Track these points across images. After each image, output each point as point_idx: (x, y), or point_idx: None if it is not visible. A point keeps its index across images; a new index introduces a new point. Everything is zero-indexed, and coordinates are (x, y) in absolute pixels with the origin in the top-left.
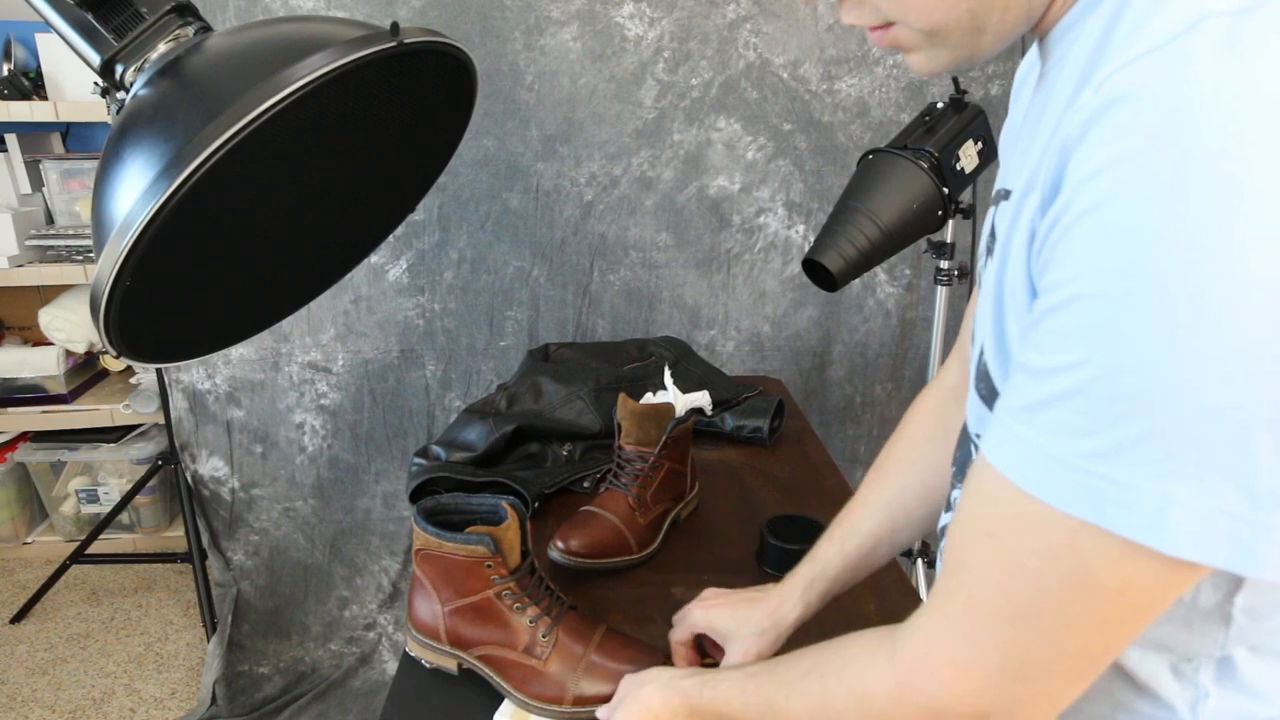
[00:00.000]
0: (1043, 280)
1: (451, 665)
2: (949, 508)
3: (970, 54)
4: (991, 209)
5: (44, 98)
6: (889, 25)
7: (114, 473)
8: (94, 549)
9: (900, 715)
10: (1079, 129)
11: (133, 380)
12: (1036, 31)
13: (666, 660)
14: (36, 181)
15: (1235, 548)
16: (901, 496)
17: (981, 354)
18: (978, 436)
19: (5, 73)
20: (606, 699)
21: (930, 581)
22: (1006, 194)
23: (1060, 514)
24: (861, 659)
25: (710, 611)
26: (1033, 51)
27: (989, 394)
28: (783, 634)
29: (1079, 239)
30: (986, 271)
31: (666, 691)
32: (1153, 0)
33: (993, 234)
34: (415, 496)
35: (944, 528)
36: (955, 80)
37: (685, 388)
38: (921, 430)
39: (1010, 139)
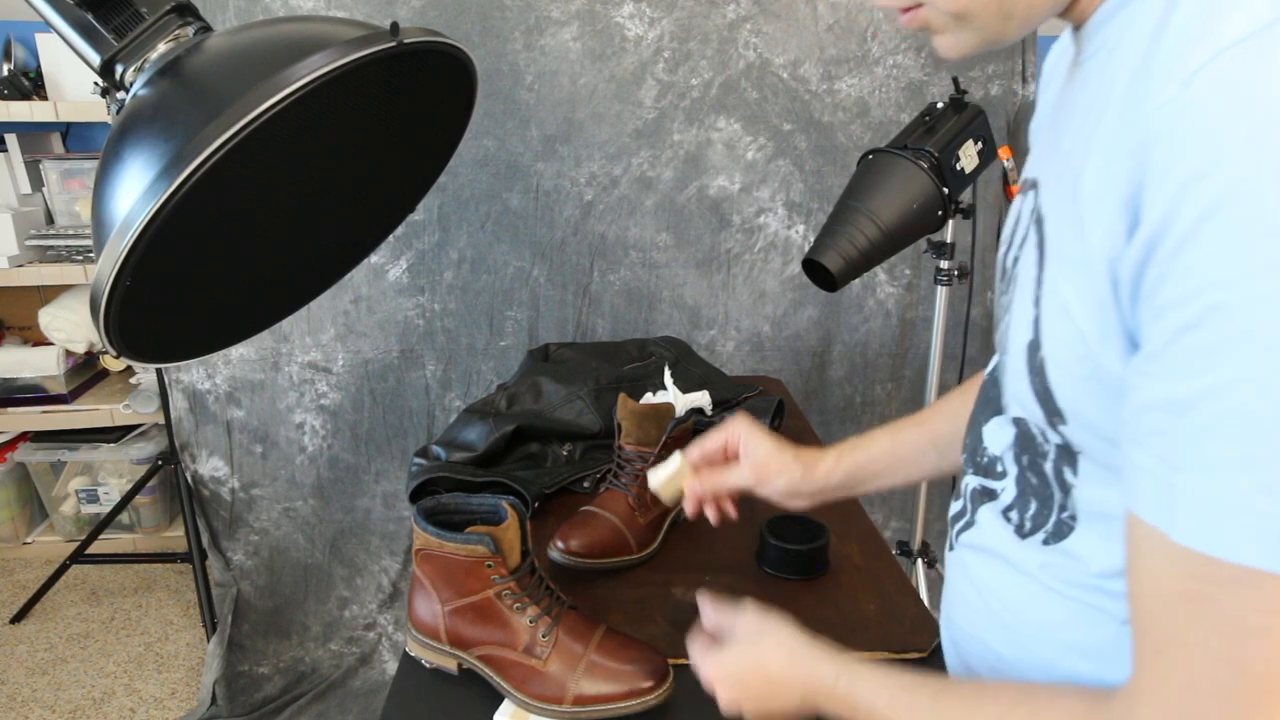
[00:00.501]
0: (1160, 298)
1: (451, 665)
2: (957, 496)
3: (996, 37)
4: (1019, 197)
5: (44, 98)
6: (918, 6)
7: (114, 473)
8: (94, 549)
9: None
10: (1159, 133)
11: (133, 380)
12: (1070, 18)
13: (667, 662)
14: (36, 181)
15: None
16: (958, 428)
17: (1035, 345)
18: (1039, 431)
19: (5, 73)
20: (607, 699)
21: (930, 582)
22: (1034, 183)
23: (1258, 571)
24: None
25: (754, 435)
26: (1065, 39)
27: (1043, 391)
28: (805, 497)
29: (1204, 245)
30: (1025, 261)
31: (791, 658)
32: None
33: (1017, 221)
34: (415, 496)
35: (954, 515)
36: (955, 80)
37: (685, 388)
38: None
39: (1040, 128)
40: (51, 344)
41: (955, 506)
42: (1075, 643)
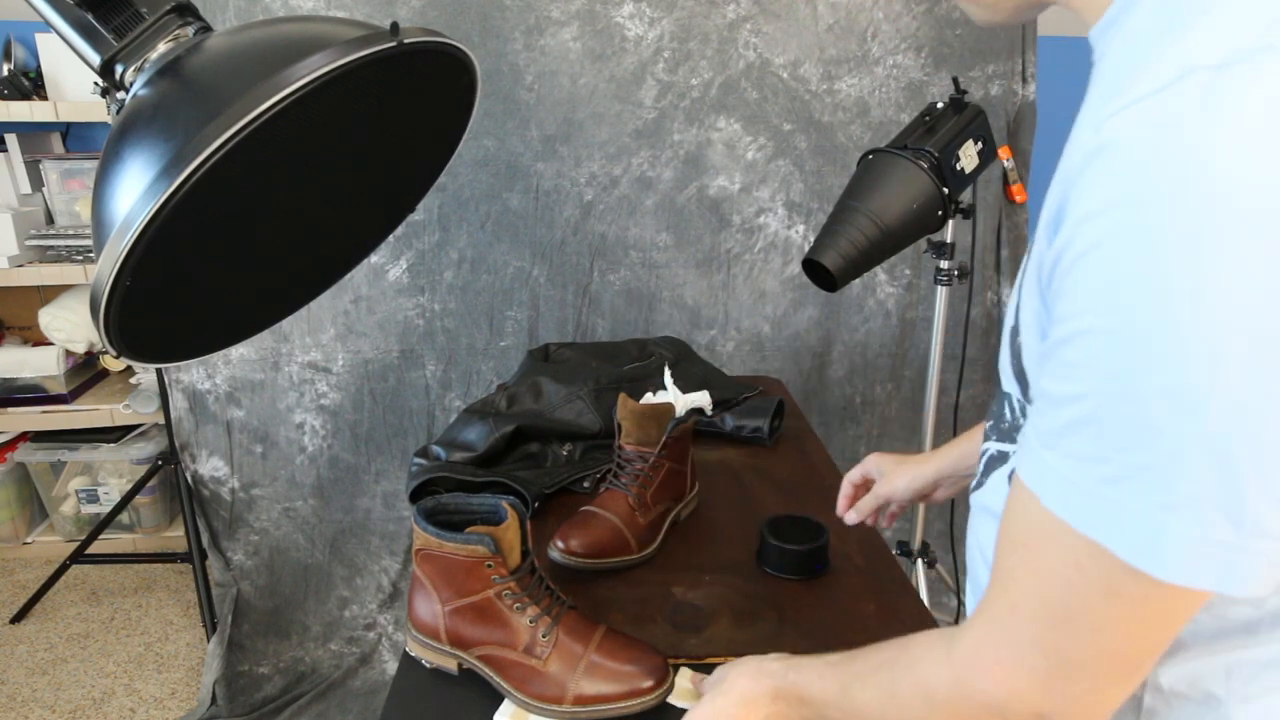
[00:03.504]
0: (1054, 310)
1: (451, 665)
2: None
3: (989, 19)
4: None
5: (44, 98)
6: None
7: (114, 473)
8: (94, 549)
9: (960, 710)
10: (1077, 168)
11: (133, 380)
12: (1080, 12)
13: (666, 662)
14: (36, 181)
15: (1223, 573)
16: None
17: (1015, 331)
18: (1005, 397)
19: (5, 73)
20: (607, 699)
21: (930, 582)
22: None
23: (1079, 533)
24: (924, 656)
25: (877, 458)
26: None
27: (1020, 372)
28: (928, 481)
29: (1081, 276)
30: (1022, 268)
31: (756, 675)
32: (1156, 41)
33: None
34: (415, 496)
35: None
36: (955, 80)
37: (685, 388)
38: None
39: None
40: (51, 344)
41: (979, 467)
42: None
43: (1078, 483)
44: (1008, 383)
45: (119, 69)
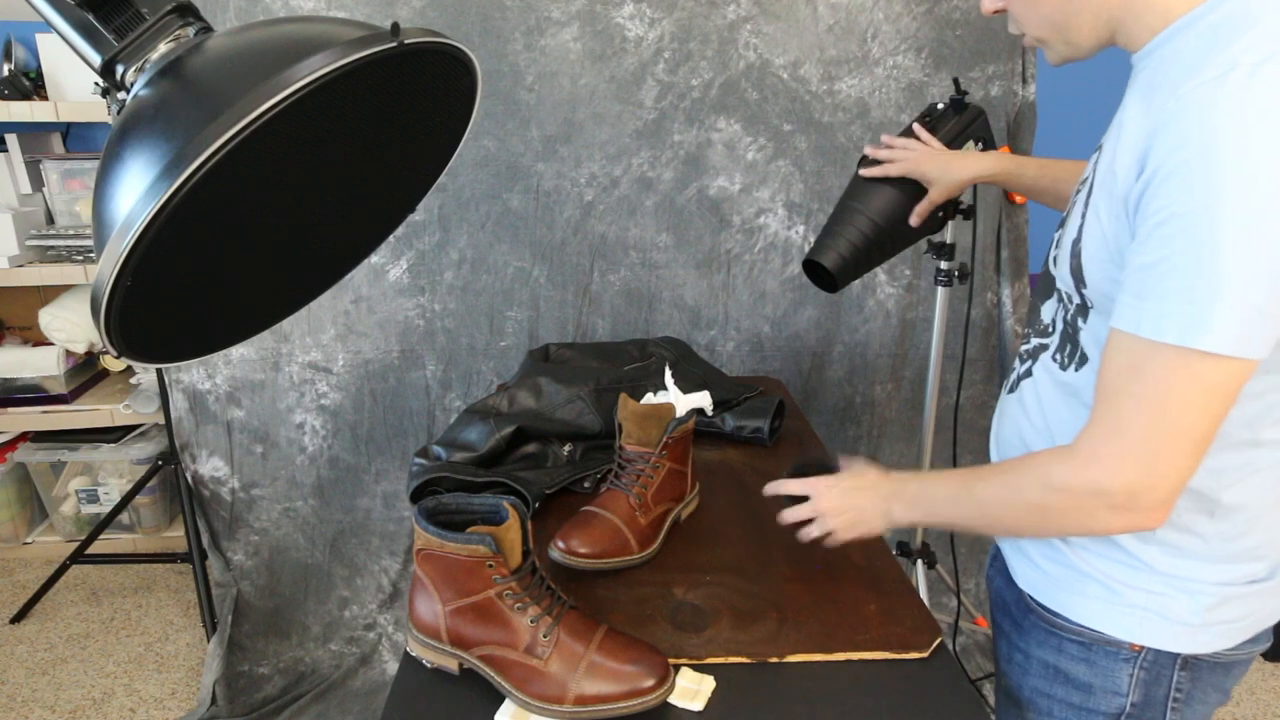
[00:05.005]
0: (1146, 210)
1: (452, 665)
2: (1021, 359)
3: (1067, 56)
4: (1093, 154)
5: (44, 98)
6: (1023, 35)
7: (114, 473)
8: (94, 549)
9: (1072, 492)
10: (1161, 124)
11: (133, 380)
12: (1123, 45)
13: (667, 662)
14: (37, 181)
15: (1261, 347)
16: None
17: (1076, 240)
18: (1067, 296)
19: (5, 73)
20: (608, 699)
21: (930, 582)
22: (1100, 147)
23: (1171, 345)
24: (1048, 458)
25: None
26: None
27: (1077, 269)
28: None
29: (1172, 185)
30: (1080, 195)
31: (881, 481)
32: (1214, 45)
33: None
34: (416, 496)
35: (1019, 374)
36: (955, 81)
37: (686, 388)
38: None
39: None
40: (51, 344)
41: (1019, 368)
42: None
43: (1170, 312)
44: (1061, 282)
45: (120, 69)
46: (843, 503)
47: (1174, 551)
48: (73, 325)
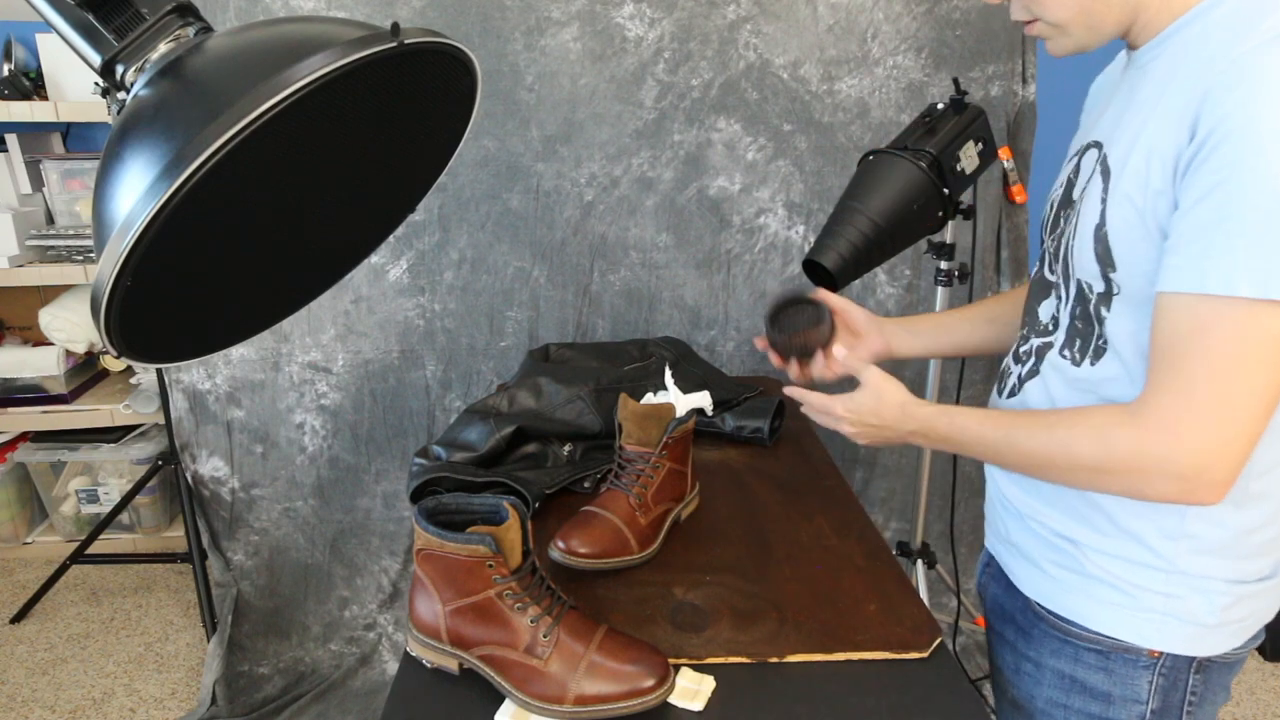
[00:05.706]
0: (1201, 170)
1: (452, 665)
2: (1018, 360)
3: (1084, 43)
4: (1075, 159)
5: (44, 98)
6: (1034, 21)
7: (114, 473)
8: (94, 549)
9: (1136, 462)
10: (1215, 86)
11: (133, 380)
12: (1128, 39)
13: (667, 662)
14: (37, 181)
15: None
16: (1007, 310)
17: (1099, 225)
18: (1088, 286)
19: (5, 73)
20: (608, 699)
21: (930, 582)
22: (1098, 143)
23: (1240, 299)
24: (1106, 418)
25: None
26: (1114, 68)
27: (1104, 253)
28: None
29: (1230, 146)
30: (1092, 187)
31: (906, 403)
32: (1253, 15)
33: (1077, 169)
34: (416, 496)
35: (1024, 373)
36: (955, 81)
37: (686, 388)
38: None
39: (1092, 110)
40: (51, 344)
41: (1018, 369)
42: None
43: (1242, 265)
44: (1081, 272)
45: (120, 69)
46: (863, 428)
47: (1200, 546)
48: (73, 325)
